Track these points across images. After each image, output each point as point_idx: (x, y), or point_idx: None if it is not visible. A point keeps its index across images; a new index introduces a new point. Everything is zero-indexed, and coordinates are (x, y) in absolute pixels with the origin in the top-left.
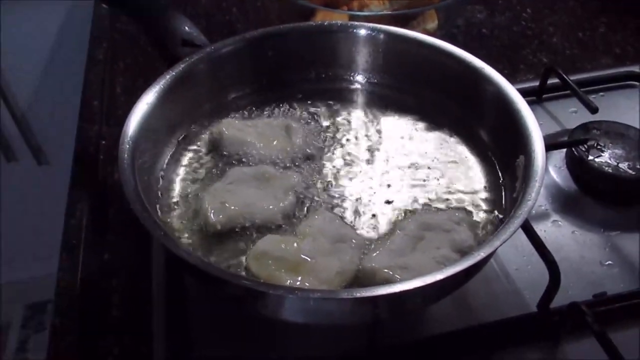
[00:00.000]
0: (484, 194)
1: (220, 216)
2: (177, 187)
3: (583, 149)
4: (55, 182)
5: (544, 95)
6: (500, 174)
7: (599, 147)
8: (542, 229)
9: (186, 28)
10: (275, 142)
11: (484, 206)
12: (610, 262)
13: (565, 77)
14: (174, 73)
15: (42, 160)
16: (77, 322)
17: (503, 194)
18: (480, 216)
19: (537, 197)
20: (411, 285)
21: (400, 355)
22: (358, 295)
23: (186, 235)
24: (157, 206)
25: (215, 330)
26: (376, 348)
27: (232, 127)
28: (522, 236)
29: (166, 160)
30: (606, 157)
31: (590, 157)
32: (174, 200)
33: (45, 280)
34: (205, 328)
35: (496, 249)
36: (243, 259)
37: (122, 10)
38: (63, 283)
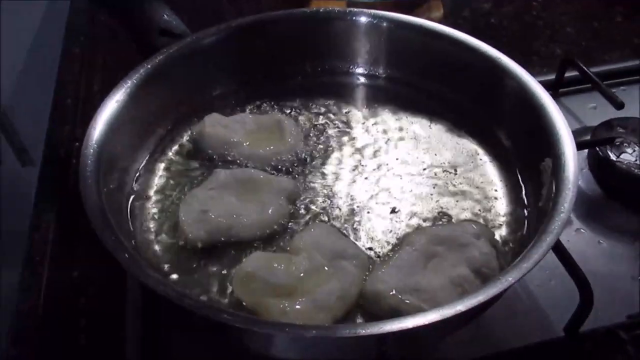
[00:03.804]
0: (503, 203)
1: (201, 230)
2: (153, 198)
3: (608, 149)
4: None
5: (561, 90)
6: (520, 180)
7: (625, 146)
8: (565, 239)
9: (165, 16)
10: (264, 142)
11: (503, 217)
12: None
13: (585, 69)
14: (148, 66)
15: (27, 161)
16: (37, 353)
17: (525, 202)
18: (500, 228)
19: (570, 209)
20: (426, 319)
21: None
22: (362, 332)
23: (163, 254)
24: (130, 222)
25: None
26: None
27: (215, 125)
28: None
29: (141, 166)
30: (634, 158)
31: (617, 158)
32: (150, 213)
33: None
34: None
35: (526, 273)
36: (228, 280)
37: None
38: (23, 306)
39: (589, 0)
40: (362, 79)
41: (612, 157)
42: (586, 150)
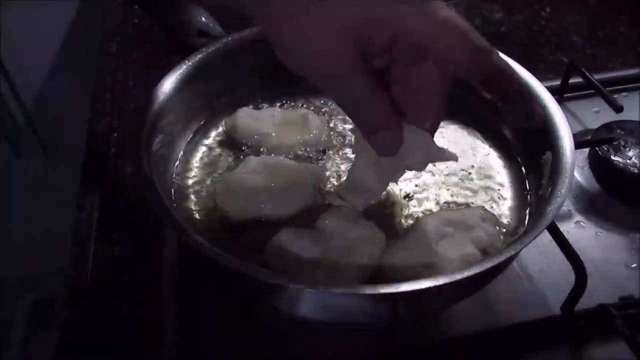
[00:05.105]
0: (507, 192)
1: (235, 209)
2: (192, 180)
3: (607, 149)
4: (64, 177)
5: (565, 95)
6: (524, 172)
7: (623, 147)
8: (565, 230)
9: (202, 18)
10: (291, 133)
11: (507, 204)
12: (635, 264)
13: (588, 75)
14: (190, 63)
15: (51, 154)
16: (86, 316)
17: (527, 191)
18: (503, 214)
19: (567, 194)
20: (440, 281)
21: (417, 357)
22: (382, 291)
23: (200, 231)
24: (172, 200)
25: (229, 331)
26: (393, 349)
27: (247, 117)
28: (545, 237)
29: (181, 153)
30: (631, 157)
31: (615, 157)
32: (188, 193)
33: (51, 277)
34: (219, 328)
35: (525, 245)
36: (259, 254)
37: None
38: (73, 277)
39: (595, 10)
40: None
41: (611, 156)
42: (587, 151)
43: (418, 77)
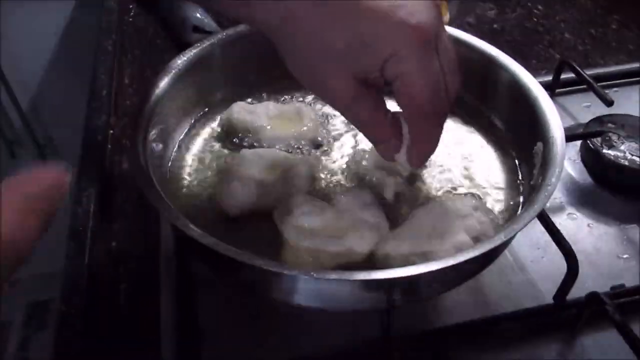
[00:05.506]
0: (500, 182)
1: (231, 201)
2: (188, 174)
3: (598, 142)
4: None
5: (557, 90)
6: (516, 163)
7: (614, 140)
8: (558, 222)
9: (197, 15)
10: (286, 126)
11: (500, 194)
12: (627, 255)
13: (580, 70)
14: (185, 58)
15: (47, 154)
16: (83, 309)
17: (519, 182)
18: (496, 204)
19: (557, 182)
20: (433, 266)
21: (413, 345)
22: (376, 276)
23: (197, 222)
24: (168, 192)
25: (227, 322)
26: (389, 338)
27: (241, 111)
28: (537, 228)
29: (176, 147)
30: (622, 150)
31: (606, 150)
32: (184, 186)
33: (48, 279)
34: (216, 319)
35: (517, 232)
36: (254, 245)
37: None
38: (70, 269)
39: (587, 9)
40: None
41: (602, 149)
42: (579, 144)
43: None
